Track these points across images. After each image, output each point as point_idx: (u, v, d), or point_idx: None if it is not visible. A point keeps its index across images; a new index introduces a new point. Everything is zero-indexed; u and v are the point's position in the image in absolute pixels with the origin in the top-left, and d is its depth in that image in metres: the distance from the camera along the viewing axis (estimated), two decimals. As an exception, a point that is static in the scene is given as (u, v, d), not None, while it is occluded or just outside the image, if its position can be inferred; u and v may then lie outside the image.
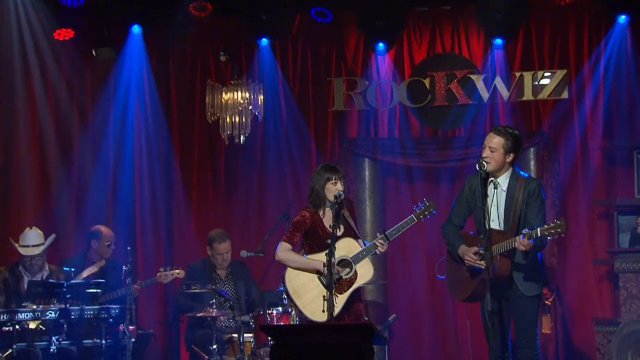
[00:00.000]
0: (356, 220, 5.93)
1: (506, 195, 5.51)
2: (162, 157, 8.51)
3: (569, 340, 8.09)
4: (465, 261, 5.55)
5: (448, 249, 5.75)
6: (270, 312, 6.70)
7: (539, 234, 5.29)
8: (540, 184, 5.57)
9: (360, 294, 5.92)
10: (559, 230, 5.24)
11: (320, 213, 5.82)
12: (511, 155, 5.53)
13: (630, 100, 8.04)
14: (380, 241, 5.71)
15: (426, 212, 5.76)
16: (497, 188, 5.53)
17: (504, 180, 5.55)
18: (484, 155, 5.51)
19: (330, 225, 5.61)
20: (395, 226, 5.76)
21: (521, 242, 5.29)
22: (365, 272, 5.78)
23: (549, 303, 7.96)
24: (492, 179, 5.54)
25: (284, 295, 6.56)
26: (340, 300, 5.68)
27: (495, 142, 5.51)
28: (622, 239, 7.98)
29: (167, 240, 8.45)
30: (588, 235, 8.12)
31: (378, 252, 5.74)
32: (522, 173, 5.61)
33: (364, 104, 8.46)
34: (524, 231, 5.32)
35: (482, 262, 5.37)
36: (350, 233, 5.82)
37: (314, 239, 5.81)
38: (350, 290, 5.74)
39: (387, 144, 8.49)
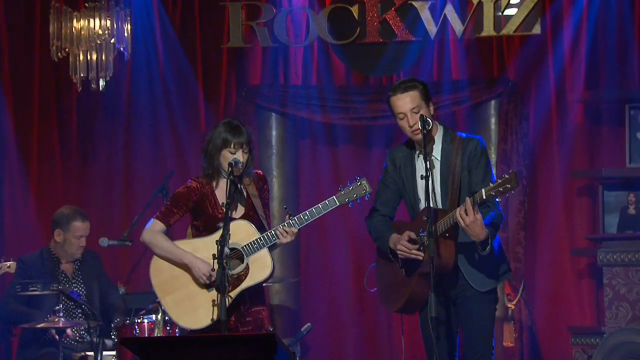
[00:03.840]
0: (266, 203, 5.88)
1: (441, 164, 5.59)
2: (-14, 108, 8.41)
3: (538, 355, 8.27)
4: (398, 254, 5.57)
5: (377, 245, 5.78)
6: (139, 321, 6.70)
7: (484, 196, 5.34)
8: (481, 141, 5.65)
9: (262, 296, 5.89)
10: (508, 186, 5.30)
11: (214, 184, 5.78)
12: (431, 105, 5.64)
13: (620, 39, 8.19)
14: (285, 228, 5.66)
15: (355, 195, 5.71)
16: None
17: (435, 144, 5.62)
18: (413, 126, 5.50)
19: (223, 204, 5.56)
20: (309, 209, 5.71)
21: (461, 213, 5.30)
22: (259, 267, 5.70)
23: (512, 306, 8.10)
24: (418, 151, 5.59)
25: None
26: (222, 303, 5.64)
27: (411, 98, 5.53)
28: (609, 222, 8.16)
29: (-6, 223, 8.37)
30: (564, 216, 8.29)
31: (278, 242, 5.68)
32: (458, 133, 5.68)
33: (270, 39, 8.44)
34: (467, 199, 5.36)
35: (419, 252, 5.42)
36: (252, 217, 5.77)
37: (202, 219, 5.78)
38: (236, 291, 5.68)
39: (301, 93, 8.51)
